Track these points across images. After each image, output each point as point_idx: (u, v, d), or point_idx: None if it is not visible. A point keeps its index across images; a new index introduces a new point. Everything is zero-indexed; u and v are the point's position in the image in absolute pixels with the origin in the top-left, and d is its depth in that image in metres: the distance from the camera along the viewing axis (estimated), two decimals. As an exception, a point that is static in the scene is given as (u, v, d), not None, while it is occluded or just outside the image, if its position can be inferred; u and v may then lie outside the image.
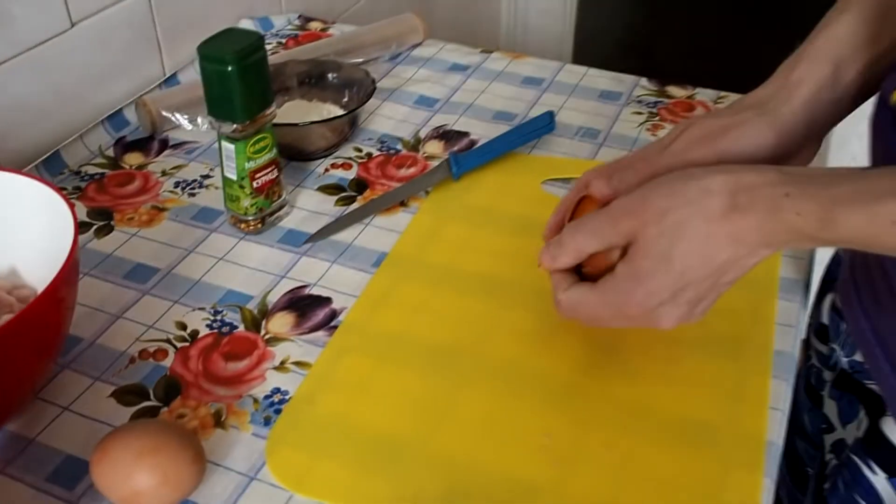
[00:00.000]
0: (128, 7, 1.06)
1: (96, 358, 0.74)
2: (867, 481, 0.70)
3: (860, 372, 0.75)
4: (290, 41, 1.27)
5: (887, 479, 0.68)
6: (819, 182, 0.54)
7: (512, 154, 0.99)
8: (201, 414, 0.69)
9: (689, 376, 0.72)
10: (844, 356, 0.78)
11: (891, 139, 0.63)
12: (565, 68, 1.20)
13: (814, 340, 0.85)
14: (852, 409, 0.77)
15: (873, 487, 0.69)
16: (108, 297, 0.80)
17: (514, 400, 0.70)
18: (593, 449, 0.66)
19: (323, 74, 1.06)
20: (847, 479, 0.72)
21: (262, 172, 0.85)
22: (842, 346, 0.78)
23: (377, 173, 0.97)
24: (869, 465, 0.69)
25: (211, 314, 0.79)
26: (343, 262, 0.85)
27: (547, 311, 0.77)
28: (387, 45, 1.22)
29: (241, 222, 0.88)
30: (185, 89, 1.08)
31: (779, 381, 0.72)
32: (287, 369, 0.73)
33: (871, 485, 0.69)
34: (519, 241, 0.86)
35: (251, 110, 0.81)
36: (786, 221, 0.54)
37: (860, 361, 0.75)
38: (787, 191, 0.55)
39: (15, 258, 0.73)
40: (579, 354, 0.74)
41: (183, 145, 1.02)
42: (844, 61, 0.66)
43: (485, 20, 2.37)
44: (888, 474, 0.68)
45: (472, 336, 0.76)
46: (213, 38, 0.80)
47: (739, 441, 0.67)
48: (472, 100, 1.12)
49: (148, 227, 0.89)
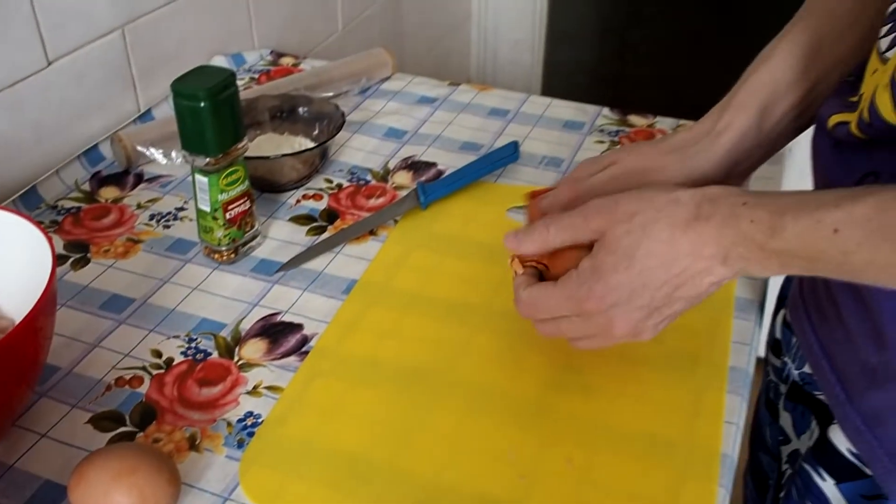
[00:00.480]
0: (103, 45, 1.09)
1: (73, 386, 0.76)
2: (818, 488, 0.72)
3: (810, 384, 0.78)
4: (262, 76, 1.30)
5: (836, 485, 0.71)
6: (774, 195, 0.58)
7: (478, 183, 1.02)
8: (176, 438, 0.71)
9: (647, 393, 0.75)
10: (795, 369, 0.81)
11: (829, 162, 0.66)
12: (530, 99, 1.23)
13: (769, 355, 0.89)
14: (805, 420, 0.80)
15: (823, 494, 0.72)
16: (85, 326, 0.82)
17: (480, 419, 0.73)
18: (555, 464, 0.69)
19: (294, 108, 1.09)
20: (799, 487, 0.75)
21: (234, 204, 0.87)
22: (793, 359, 0.82)
23: (347, 203, 1.00)
24: (819, 472, 0.72)
25: (185, 342, 0.81)
26: (314, 289, 0.87)
27: (511, 333, 0.81)
28: (356, 80, 1.25)
29: (214, 253, 0.90)
30: (159, 124, 1.10)
31: (734, 396, 0.75)
32: (260, 393, 0.76)
33: (822, 491, 0.72)
34: (485, 267, 0.89)
35: (223, 144, 0.84)
36: (740, 229, 0.57)
37: (809, 373, 0.78)
38: (744, 200, 0.58)
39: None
40: (542, 374, 0.77)
41: (158, 179, 1.05)
42: (771, 104, 0.71)
43: (455, 53, 2.41)
44: (836, 480, 0.71)
45: (438, 359, 0.78)
46: (186, 75, 0.83)
47: (695, 454, 0.70)
48: (440, 131, 1.15)
49: (124, 258, 0.91)
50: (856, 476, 0.69)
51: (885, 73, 0.58)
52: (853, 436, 0.68)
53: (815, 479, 0.73)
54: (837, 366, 0.70)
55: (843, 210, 0.53)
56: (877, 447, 0.66)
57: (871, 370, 0.65)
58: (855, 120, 0.61)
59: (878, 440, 0.66)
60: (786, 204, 0.56)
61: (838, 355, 0.70)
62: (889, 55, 0.59)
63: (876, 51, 0.61)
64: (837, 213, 0.53)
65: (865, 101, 0.60)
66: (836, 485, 0.71)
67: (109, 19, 1.09)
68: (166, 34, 1.19)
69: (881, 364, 0.64)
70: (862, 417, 0.67)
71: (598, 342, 0.67)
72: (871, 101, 0.59)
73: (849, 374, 0.68)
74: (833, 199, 0.54)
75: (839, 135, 0.64)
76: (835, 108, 0.66)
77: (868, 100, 0.59)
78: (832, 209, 0.54)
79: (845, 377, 0.69)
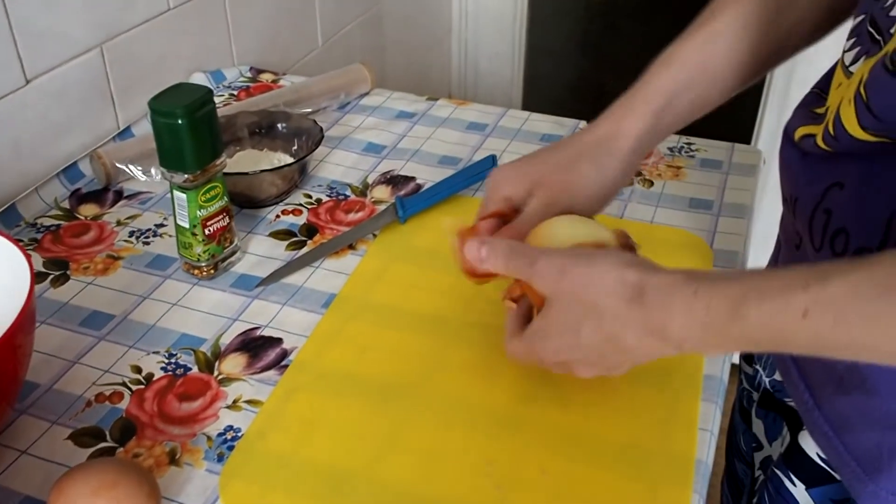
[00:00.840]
0: (82, 63, 1.09)
1: (54, 402, 0.77)
2: (789, 493, 0.73)
3: (780, 391, 0.80)
4: (241, 93, 1.30)
5: (806, 490, 0.72)
6: (729, 277, 0.56)
7: (456, 197, 1.03)
8: (156, 453, 0.72)
9: (621, 402, 0.76)
10: (766, 376, 0.82)
11: (797, 172, 0.67)
12: (508, 113, 1.24)
13: (742, 363, 0.90)
14: (776, 427, 0.81)
15: (794, 498, 0.73)
16: (65, 343, 0.83)
17: (458, 431, 0.74)
18: (531, 474, 0.70)
19: (273, 125, 1.10)
20: (771, 493, 0.76)
21: (213, 220, 0.88)
22: (764, 366, 0.83)
23: (326, 218, 1.01)
24: (790, 477, 0.73)
25: (165, 357, 0.81)
26: (293, 303, 0.88)
27: (488, 346, 0.81)
28: (335, 95, 1.26)
29: (194, 268, 0.91)
30: (138, 142, 1.11)
31: (708, 403, 0.76)
32: (239, 408, 0.76)
33: (793, 496, 0.73)
34: (462, 280, 0.89)
35: (201, 161, 0.84)
36: (696, 319, 0.56)
37: (780, 381, 0.79)
38: (694, 289, 0.56)
39: (-28, 308, 0.75)
40: (519, 386, 0.78)
41: (137, 196, 1.05)
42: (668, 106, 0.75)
43: (436, 67, 2.42)
44: (807, 485, 0.72)
45: (417, 372, 0.79)
46: (163, 92, 0.83)
47: (670, 461, 0.71)
48: (419, 146, 1.16)
49: (103, 275, 0.92)
50: (825, 481, 0.71)
51: (850, 87, 0.59)
52: (822, 441, 0.69)
53: (785, 485, 0.74)
54: (805, 373, 0.71)
55: (811, 292, 0.50)
56: (844, 452, 0.67)
57: (838, 377, 0.66)
58: (821, 133, 0.62)
59: (844, 445, 0.67)
60: (744, 289, 0.54)
61: (806, 362, 0.71)
62: (853, 69, 0.60)
63: (841, 65, 0.62)
64: (805, 295, 0.51)
65: (831, 114, 0.61)
66: (806, 490, 0.72)
67: (88, 38, 1.10)
68: (145, 52, 1.20)
69: (847, 371, 0.65)
70: (829, 423, 0.68)
71: None
72: (836, 115, 0.60)
73: (816, 380, 0.69)
74: (799, 279, 0.52)
75: (806, 147, 0.65)
76: (801, 120, 0.67)
77: (833, 113, 0.60)
78: (799, 291, 0.51)
79: (813, 384, 0.70)
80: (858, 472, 0.66)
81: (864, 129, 0.57)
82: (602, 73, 3.38)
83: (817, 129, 0.63)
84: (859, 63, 0.59)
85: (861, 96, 0.56)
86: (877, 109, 0.55)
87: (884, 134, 0.56)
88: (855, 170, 0.61)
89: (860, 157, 0.60)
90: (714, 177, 1.07)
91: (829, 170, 0.63)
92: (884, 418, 0.63)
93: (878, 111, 0.55)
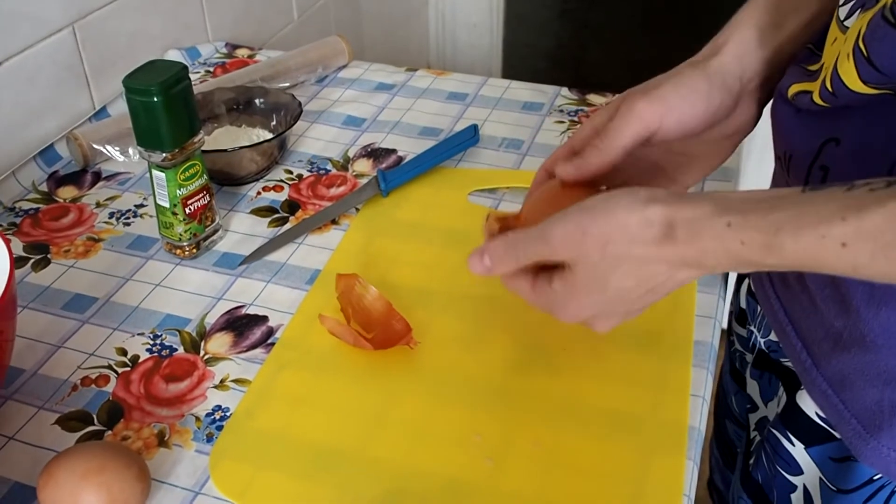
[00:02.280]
0: (53, 44, 1.08)
1: (39, 387, 0.76)
2: (787, 452, 0.73)
3: (776, 351, 0.80)
4: (217, 69, 1.29)
5: (805, 450, 0.72)
6: (760, 208, 0.54)
7: (439, 168, 1.02)
8: (145, 435, 0.71)
9: (612, 370, 0.76)
10: (761, 337, 0.82)
11: (790, 129, 0.66)
12: (488, 82, 1.23)
13: (735, 325, 0.90)
14: (772, 388, 0.81)
15: (793, 458, 0.73)
16: (48, 328, 0.82)
17: (446, 403, 0.73)
18: (522, 445, 0.69)
19: (250, 100, 1.09)
20: (769, 453, 0.76)
21: (193, 199, 0.87)
22: (758, 327, 0.83)
23: (308, 194, 1.00)
24: (788, 437, 0.73)
25: (150, 339, 0.81)
26: (278, 281, 0.87)
27: (476, 317, 0.81)
28: (313, 69, 1.25)
29: (176, 248, 0.90)
30: (115, 121, 1.09)
31: (699, 369, 0.76)
32: (227, 387, 0.76)
33: (791, 455, 0.73)
34: (447, 252, 0.89)
35: (179, 139, 0.83)
36: (730, 252, 0.54)
37: (775, 341, 0.79)
38: (728, 220, 0.54)
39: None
40: (507, 355, 0.77)
41: (116, 176, 1.04)
42: (766, 25, 0.69)
43: (414, 39, 2.41)
44: (805, 444, 0.72)
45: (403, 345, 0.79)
46: (137, 70, 0.82)
47: (663, 428, 0.70)
48: (399, 118, 1.15)
49: (84, 258, 0.91)
50: (825, 439, 0.71)
51: (848, 42, 0.58)
52: (820, 400, 0.69)
53: (783, 444, 0.74)
54: (802, 332, 0.71)
55: (850, 224, 0.49)
56: (844, 410, 0.67)
57: (836, 334, 0.66)
58: (817, 90, 0.61)
59: (844, 404, 0.67)
60: (778, 220, 0.52)
61: (803, 321, 0.71)
62: (849, 23, 0.59)
63: (836, 19, 0.61)
64: (844, 227, 0.49)
65: (827, 70, 0.60)
66: (805, 449, 0.72)
67: (59, 17, 1.08)
68: (118, 30, 1.18)
69: (845, 328, 0.65)
70: (828, 382, 0.68)
71: None
72: (833, 71, 0.59)
73: (814, 339, 0.69)
74: (836, 210, 0.50)
75: (800, 104, 0.64)
76: (794, 78, 0.66)
77: (830, 69, 0.60)
78: (838, 223, 0.49)
79: (810, 342, 0.70)
80: (859, 430, 0.65)
81: (865, 83, 0.56)
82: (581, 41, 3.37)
83: (813, 86, 0.62)
84: (854, 17, 0.59)
85: (861, 50, 0.56)
86: (878, 62, 0.55)
87: (886, 86, 0.56)
88: (850, 125, 0.60)
89: (856, 111, 0.59)
90: (696, 140, 1.06)
91: (824, 126, 0.62)
92: (884, 374, 0.63)
93: (879, 64, 0.55)
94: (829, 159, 0.62)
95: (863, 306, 0.63)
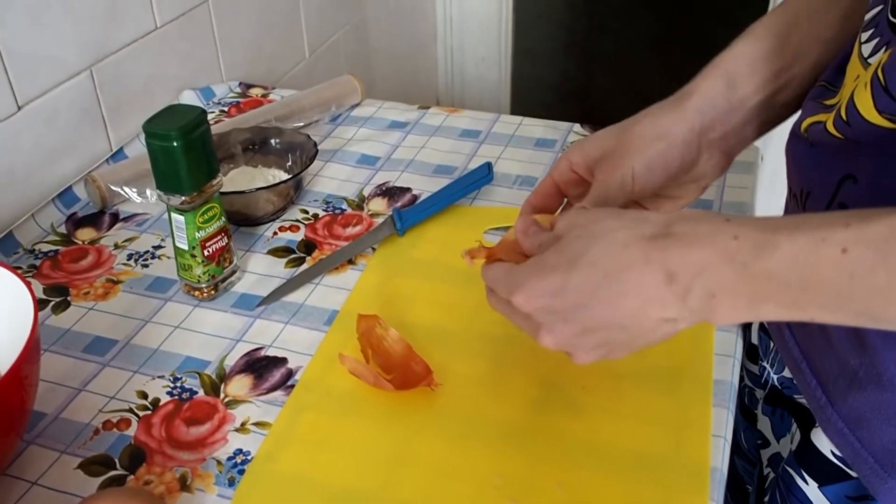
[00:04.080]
0: (72, 87, 1.09)
1: (61, 431, 0.76)
2: (801, 491, 0.73)
3: (789, 387, 0.80)
4: (232, 108, 1.30)
5: (819, 488, 0.72)
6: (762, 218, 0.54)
7: (453, 206, 1.03)
8: (167, 479, 0.72)
9: (633, 409, 0.76)
10: (774, 373, 0.82)
11: (806, 166, 0.67)
12: (501, 119, 1.24)
13: (745, 361, 0.90)
14: (784, 424, 0.81)
15: (806, 497, 0.73)
16: (69, 371, 0.82)
17: (467, 444, 0.74)
18: (544, 486, 0.69)
19: (266, 140, 1.09)
20: (782, 491, 0.76)
21: (212, 241, 0.88)
22: (771, 363, 0.83)
23: (324, 233, 1.01)
24: (802, 475, 0.73)
25: (170, 381, 0.81)
26: (296, 322, 0.88)
27: (495, 357, 0.81)
28: (326, 108, 1.26)
29: (194, 290, 0.90)
30: (132, 163, 1.10)
31: (720, 409, 0.76)
32: (248, 430, 0.76)
33: (805, 494, 0.73)
34: (465, 291, 0.90)
35: (198, 182, 0.84)
36: (717, 246, 0.52)
37: (789, 377, 0.79)
38: (728, 216, 0.53)
39: (-25, 340, 0.75)
40: (527, 395, 0.77)
41: (133, 218, 1.05)
42: (739, 74, 0.70)
43: (423, 73, 2.42)
44: (819, 483, 0.72)
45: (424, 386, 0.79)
46: (157, 115, 0.83)
47: (684, 469, 0.70)
48: (413, 156, 1.16)
49: (104, 300, 0.91)
50: (840, 478, 0.70)
51: (868, 73, 0.58)
52: (836, 438, 0.69)
53: (797, 482, 0.74)
54: (817, 369, 0.71)
55: (852, 230, 0.48)
56: (860, 449, 0.67)
57: (852, 373, 0.66)
58: (831, 119, 0.61)
59: (861, 442, 0.67)
60: (779, 222, 0.51)
61: (818, 358, 0.71)
62: (872, 61, 0.60)
63: (858, 57, 0.62)
64: (846, 232, 0.48)
65: (844, 99, 0.61)
66: (819, 487, 0.72)
67: (77, 60, 1.09)
68: (134, 72, 1.19)
69: (861, 366, 0.65)
70: (844, 420, 0.68)
71: None
72: (849, 100, 0.59)
73: (829, 376, 0.69)
74: (839, 217, 0.49)
75: (813, 136, 0.65)
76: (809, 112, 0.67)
77: (847, 99, 0.60)
78: (840, 228, 0.48)
79: (825, 380, 0.70)
80: (876, 469, 0.65)
81: (879, 113, 0.56)
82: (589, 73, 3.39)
83: (826, 117, 0.63)
84: (879, 54, 0.59)
85: (878, 79, 0.56)
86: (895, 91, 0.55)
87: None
88: (868, 163, 0.60)
89: (871, 147, 0.59)
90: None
91: (840, 162, 0.62)
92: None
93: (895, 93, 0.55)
94: (847, 197, 0.63)
95: (879, 345, 0.64)
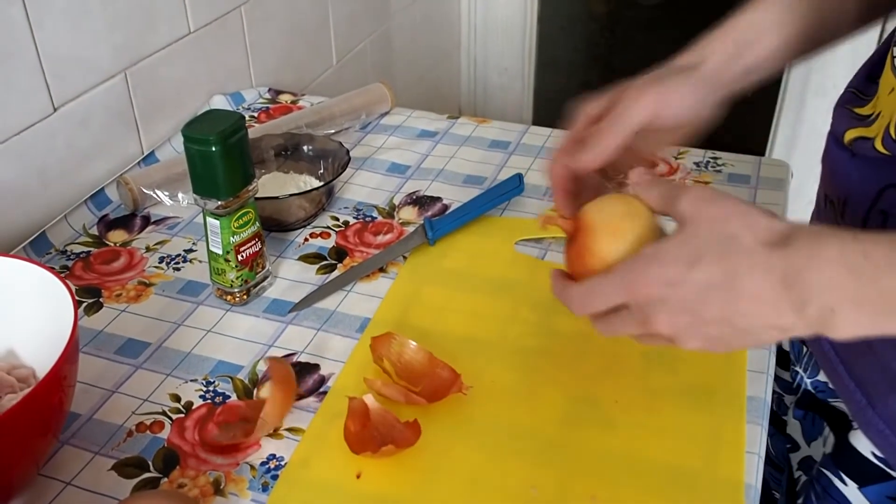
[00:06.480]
0: (106, 90, 1.10)
1: (95, 432, 0.77)
2: (839, 492, 0.73)
3: (824, 391, 0.80)
4: (262, 114, 1.31)
5: (859, 489, 0.72)
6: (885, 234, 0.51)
7: (484, 217, 1.03)
8: (201, 483, 0.72)
9: (666, 423, 0.76)
10: (808, 377, 0.82)
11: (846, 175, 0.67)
12: (530, 130, 1.25)
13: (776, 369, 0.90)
14: (815, 427, 0.81)
15: (845, 498, 0.73)
16: (103, 372, 0.83)
17: (500, 455, 0.73)
18: (578, 499, 0.69)
19: (298, 147, 1.10)
20: (818, 493, 0.76)
21: (246, 246, 0.88)
22: (804, 368, 0.83)
23: (355, 241, 1.01)
24: (840, 476, 0.73)
25: (203, 385, 0.81)
26: (328, 328, 0.88)
27: (527, 368, 0.81)
28: (357, 115, 1.26)
29: (227, 294, 0.91)
30: (164, 166, 1.11)
31: (753, 425, 0.75)
32: (281, 436, 0.76)
33: (843, 495, 0.73)
34: (495, 301, 0.90)
35: (234, 187, 0.85)
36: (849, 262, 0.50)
37: (823, 381, 0.79)
38: (854, 234, 0.51)
39: (11, 339, 0.75)
40: (560, 408, 0.77)
41: (165, 221, 1.06)
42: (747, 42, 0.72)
43: (445, 83, 2.43)
44: (859, 484, 0.72)
45: (456, 395, 0.79)
46: (195, 119, 0.83)
47: (718, 485, 0.70)
48: (443, 165, 1.16)
49: (136, 302, 0.92)
50: (880, 478, 0.70)
51: None
52: (878, 440, 0.69)
53: (835, 484, 0.73)
54: (856, 372, 0.71)
55: None
56: None
57: (893, 375, 0.66)
58: (880, 136, 0.62)
59: None
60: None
61: (856, 362, 0.71)
62: None
63: (891, 69, 0.62)
64: None
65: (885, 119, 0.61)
66: (859, 489, 0.72)
67: (112, 64, 1.10)
68: (167, 76, 1.20)
69: None
70: (885, 421, 0.68)
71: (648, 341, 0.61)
72: None
73: (869, 380, 0.69)
74: None
75: (859, 150, 0.65)
76: (847, 122, 0.67)
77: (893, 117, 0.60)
78: None
79: (865, 383, 0.70)
80: None
81: None
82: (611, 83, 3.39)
83: (871, 132, 0.63)
84: None
85: None
86: None
87: None
88: None
89: None
90: (742, 192, 1.07)
91: (883, 172, 0.63)
92: None
93: None
94: (888, 205, 0.63)
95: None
